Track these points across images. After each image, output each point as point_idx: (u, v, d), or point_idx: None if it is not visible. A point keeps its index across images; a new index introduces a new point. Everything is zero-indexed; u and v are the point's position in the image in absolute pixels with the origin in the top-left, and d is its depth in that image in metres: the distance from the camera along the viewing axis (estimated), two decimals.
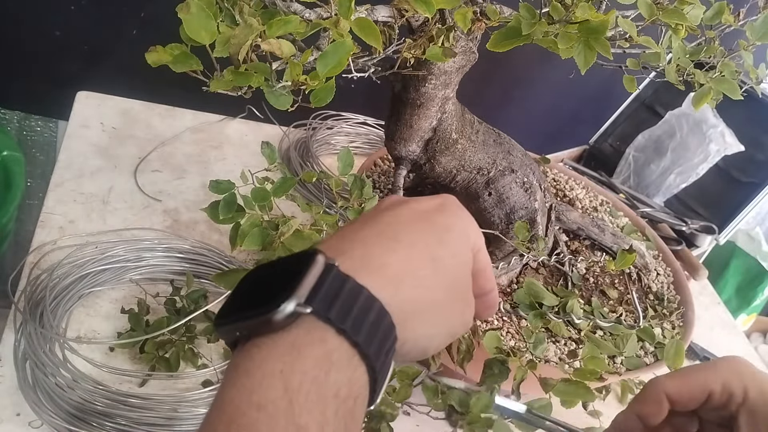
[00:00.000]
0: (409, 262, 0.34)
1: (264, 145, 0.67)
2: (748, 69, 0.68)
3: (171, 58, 0.48)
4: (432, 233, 0.36)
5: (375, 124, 1.22)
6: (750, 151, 1.23)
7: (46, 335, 0.67)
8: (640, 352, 0.73)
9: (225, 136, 1.14)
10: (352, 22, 0.49)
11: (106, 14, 1.05)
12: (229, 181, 0.62)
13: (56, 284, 0.73)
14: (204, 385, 0.69)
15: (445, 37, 0.56)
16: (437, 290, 0.35)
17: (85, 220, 0.87)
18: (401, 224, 0.36)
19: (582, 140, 1.46)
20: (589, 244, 0.88)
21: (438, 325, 0.36)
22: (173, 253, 0.83)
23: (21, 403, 0.64)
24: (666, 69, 0.65)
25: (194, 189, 0.99)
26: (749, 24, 0.65)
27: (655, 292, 0.83)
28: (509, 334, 0.71)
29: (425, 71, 0.65)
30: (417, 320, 0.34)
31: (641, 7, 0.59)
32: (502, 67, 1.33)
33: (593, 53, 0.55)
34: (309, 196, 1.01)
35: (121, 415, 0.63)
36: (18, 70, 1.09)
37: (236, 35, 0.46)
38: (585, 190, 0.99)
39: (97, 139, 1.02)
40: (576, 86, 1.41)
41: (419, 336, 0.35)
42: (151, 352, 0.71)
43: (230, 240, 0.63)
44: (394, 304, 0.32)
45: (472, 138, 0.75)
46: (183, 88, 0.67)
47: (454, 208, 0.39)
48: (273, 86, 0.49)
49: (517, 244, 0.73)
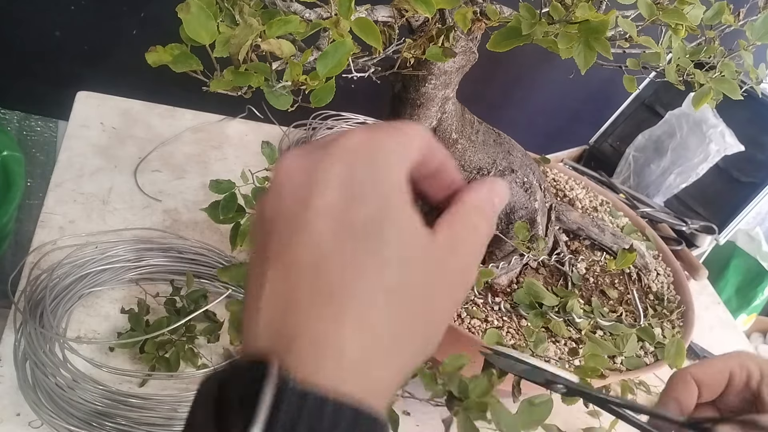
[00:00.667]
0: (366, 321, 0.26)
1: (264, 144, 0.67)
2: (748, 69, 0.68)
3: (171, 58, 0.48)
4: (365, 251, 0.27)
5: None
6: (750, 151, 1.23)
7: (46, 335, 0.67)
8: (640, 352, 0.73)
9: (225, 136, 1.14)
10: (352, 22, 0.49)
11: (106, 14, 1.05)
12: (229, 181, 0.62)
13: (56, 284, 0.73)
14: None
15: (445, 37, 0.56)
16: (412, 319, 0.28)
17: (85, 220, 0.87)
18: (324, 260, 0.26)
19: (582, 140, 1.46)
20: (589, 244, 0.88)
21: (426, 341, 0.29)
22: (173, 253, 0.83)
23: (21, 403, 0.64)
24: (666, 69, 0.65)
25: (194, 189, 0.99)
26: (749, 24, 0.65)
27: (655, 292, 0.83)
28: (509, 334, 0.71)
29: (425, 71, 0.65)
30: (403, 362, 0.28)
31: (641, 7, 0.59)
32: (502, 67, 1.33)
33: (593, 53, 0.55)
34: None
35: (121, 415, 0.63)
36: (18, 70, 1.09)
37: (236, 35, 0.46)
38: (585, 190, 0.99)
39: (97, 139, 1.02)
40: (576, 86, 1.42)
41: (408, 367, 0.29)
42: (151, 352, 0.71)
43: (230, 240, 0.63)
44: (369, 386, 0.26)
45: (472, 138, 0.75)
46: (183, 88, 0.67)
47: (358, 167, 0.28)
48: (273, 86, 0.49)
49: (517, 243, 0.73)
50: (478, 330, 0.69)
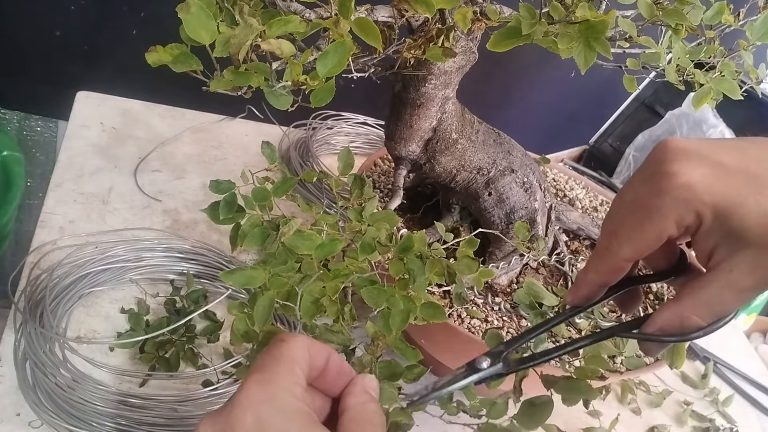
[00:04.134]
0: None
1: (264, 144, 0.67)
2: (748, 69, 0.68)
3: (171, 58, 0.48)
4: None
5: (375, 124, 1.22)
6: None
7: (46, 335, 0.67)
8: (640, 352, 0.73)
9: (225, 136, 1.14)
10: (352, 22, 0.49)
11: (106, 14, 1.05)
12: (229, 181, 0.62)
13: (56, 284, 0.73)
14: (204, 385, 0.69)
15: (445, 37, 0.56)
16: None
17: (85, 220, 0.87)
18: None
19: (582, 140, 1.46)
20: (589, 244, 0.88)
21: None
22: (173, 253, 0.83)
23: (21, 403, 0.64)
24: (666, 69, 0.65)
25: (194, 189, 0.99)
26: (749, 24, 0.65)
27: (655, 292, 0.83)
28: (509, 334, 0.71)
29: (425, 71, 0.65)
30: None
31: (641, 7, 0.59)
32: (502, 67, 1.34)
33: (593, 53, 0.55)
34: (309, 196, 1.01)
35: (121, 415, 0.63)
36: (18, 70, 1.09)
37: (236, 35, 0.46)
38: (585, 190, 0.99)
39: (97, 139, 1.02)
40: (576, 86, 1.42)
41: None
42: (151, 352, 0.71)
43: (230, 240, 0.63)
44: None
45: (472, 138, 0.75)
46: (183, 88, 0.67)
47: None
48: (273, 86, 0.49)
49: (517, 243, 0.73)
50: (478, 330, 0.69)
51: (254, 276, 0.52)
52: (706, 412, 0.94)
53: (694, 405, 0.94)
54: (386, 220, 0.60)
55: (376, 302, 0.51)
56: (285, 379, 0.35)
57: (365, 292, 0.51)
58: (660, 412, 0.92)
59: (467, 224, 0.84)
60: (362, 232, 0.57)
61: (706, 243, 0.35)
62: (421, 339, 0.73)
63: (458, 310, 0.70)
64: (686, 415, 0.92)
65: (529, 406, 0.52)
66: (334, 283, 0.52)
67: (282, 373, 0.35)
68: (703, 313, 0.36)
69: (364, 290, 0.51)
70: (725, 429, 0.92)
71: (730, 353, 1.07)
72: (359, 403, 0.38)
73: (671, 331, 0.38)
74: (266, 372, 0.35)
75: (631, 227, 0.37)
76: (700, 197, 0.34)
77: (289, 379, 0.35)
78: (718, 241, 0.35)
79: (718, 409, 0.96)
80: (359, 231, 0.58)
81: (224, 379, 0.70)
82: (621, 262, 0.39)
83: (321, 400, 0.39)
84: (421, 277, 0.54)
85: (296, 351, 0.36)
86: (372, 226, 0.59)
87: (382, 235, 0.57)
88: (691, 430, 0.91)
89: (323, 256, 0.53)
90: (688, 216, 0.34)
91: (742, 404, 1.00)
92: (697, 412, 0.93)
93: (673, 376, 0.99)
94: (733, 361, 1.05)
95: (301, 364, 0.36)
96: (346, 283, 0.52)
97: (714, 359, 1.03)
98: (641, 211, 0.36)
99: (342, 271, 0.53)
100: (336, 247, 0.53)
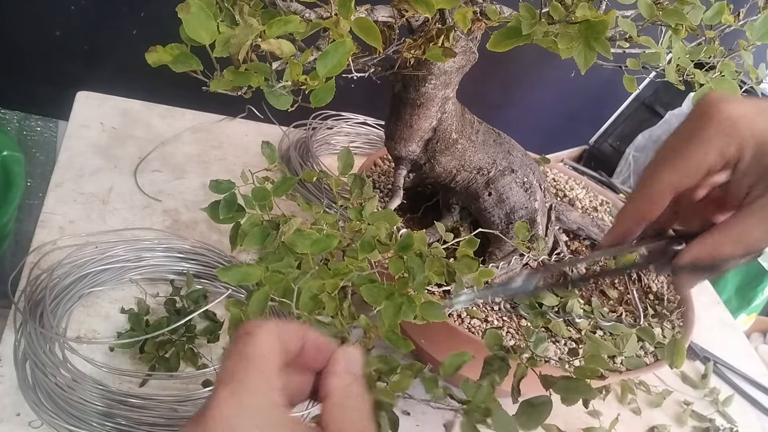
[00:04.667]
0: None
1: (264, 144, 0.67)
2: (748, 69, 0.68)
3: (171, 58, 0.48)
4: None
5: (375, 124, 1.22)
6: None
7: (46, 335, 0.67)
8: (640, 352, 0.73)
9: (225, 136, 1.14)
10: (352, 22, 0.49)
11: (106, 14, 1.05)
12: (229, 181, 0.62)
13: (56, 284, 0.73)
14: (204, 385, 0.69)
15: (445, 37, 0.56)
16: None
17: (85, 220, 0.87)
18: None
19: (582, 140, 1.46)
20: (589, 244, 0.88)
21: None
22: (173, 253, 0.83)
23: (21, 403, 0.64)
24: (666, 69, 0.65)
25: (194, 189, 0.99)
26: (749, 24, 0.65)
27: (655, 292, 0.83)
28: (509, 334, 0.71)
29: (425, 71, 0.65)
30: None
31: (641, 7, 0.59)
32: (502, 67, 1.34)
33: (593, 53, 0.55)
34: (309, 195, 1.02)
35: (121, 415, 0.63)
36: (18, 70, 1.09)
37: (236, 35, 0.46)
38: (585, 190, 0.99)
39: (97, 139, 1.02)
40: (576, 86, 1.42)
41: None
42: (151, 352, 0.71)
43: (230, 240, 0.63)
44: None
45: (472, 138, 0.75)
46: (183, 88, 0.67)
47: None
48: (273, 86, 0.49)
49: (517, 243, 0.73)
50: (478, 330, 0.69)
51: (250, 272, 0.52)
52: (706, 412, 0.94)
53: (694, 405, 0.94)
54: (386, 219, 0.60)
55: (376, 300, 0.51)
56: (258, 386, 0.32)
57: (365, 290, 0.51)
58: (660, 412, 0.92)
59: (467, 224, 0.84)
60: (362, 231, 0.58)
61: (744, 181, 0.37)
62: (421, 339, 0.73)
63: (458, 310, 0.70)
64: (686, 415, 0.92)
65: (527, 407, 0.51)
66: (334, 281, 0.52)
67: (254, 380, 0.32)
68: (734, 245, 0.38)
69: (364, 288, 0.51)
70: (725, 429, 0.92)
71: (730, 353, 1.07)
72: (342, 387, 0.36)
73: (704, 260, 0.40)
74: (236, 381, 0.32)
75: (674, 154, 0.39)
76: (742, 132, 0.36)
77: (263, 385, 0.33)
78: (756, 179, 0.37)
79: (718, 409, 0.96)
80: (359, 230, 0.58)
81: None
82: (662, 191, 0.40)
83: (301, 376, 0.37)
84: (421, 275, 0.54)
85: (265, 346, 0.34)
86: (372, 225, 0.59)
87: (381, 234, 0.57)
88: (691, 430, 0.91)
89: (319, 251, 0.53)
90: (730, 148, 0.37)
91: (742, 404, 1.00)
92: (697, 412, 0.93)
93: (673, 376, 0.99)
94: (733, 361, 1.06)
95: (273, 359, 0.34)
96: (346, 282, 0.52)
97: (714, 359, 1.03)
98: (686, 141, 0.39)
99: (342, 269, 0.53)
100: (331, 243, 0.53)
